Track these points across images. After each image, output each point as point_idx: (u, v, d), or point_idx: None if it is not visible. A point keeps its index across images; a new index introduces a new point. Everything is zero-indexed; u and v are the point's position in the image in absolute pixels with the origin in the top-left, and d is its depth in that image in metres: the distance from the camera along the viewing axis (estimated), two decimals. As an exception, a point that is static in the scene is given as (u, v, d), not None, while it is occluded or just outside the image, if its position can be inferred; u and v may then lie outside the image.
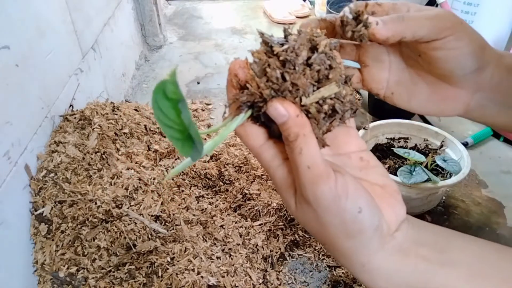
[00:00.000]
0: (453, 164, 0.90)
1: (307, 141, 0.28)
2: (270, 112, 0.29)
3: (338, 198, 0.28)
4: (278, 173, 0.31)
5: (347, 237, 0.30)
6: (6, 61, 0.73)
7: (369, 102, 1.37)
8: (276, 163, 0.31)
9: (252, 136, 0.32)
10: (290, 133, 0.28)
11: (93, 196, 0.80)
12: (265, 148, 0.32)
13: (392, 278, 0.31)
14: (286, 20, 2.13)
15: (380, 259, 0.31)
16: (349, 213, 0.29)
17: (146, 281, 0.76)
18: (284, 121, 0.28)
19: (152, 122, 1.08)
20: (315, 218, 0.30)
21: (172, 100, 0.27)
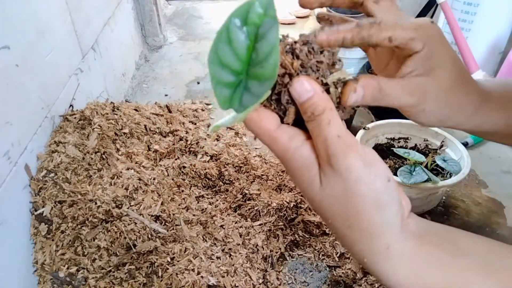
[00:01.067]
0: (453, 164, 0.90)
1: (333, 114, 0.29)
2: (295, 88, 0.29)
3: (369, 165, 0.29)
4: (299, 153, 0.30)
5: (377, 208, 0.29)
6: (6, 61, 0.73)
7: (369, 102, 1.37)
8: (295, 143, 0.30)
9: (267, 119, 0.30)
10: (317, 107, 0.28)
11: (93, 196, 0.80)
12: (281, 131, 0.30)
13: (411, 264, 0.30)
14: (286, 20, 2.13)
15: (401, 243, 0.30)
16: (380, 181, 0.29)
17: (146, 281, 0.76)
18: (309, 96, 0.29)
19: (152, 122, 1.08)
20: (344, 192, 0.29)
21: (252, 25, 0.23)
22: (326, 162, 0.29)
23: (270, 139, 0.30)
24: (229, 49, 0.25)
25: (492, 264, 0.31)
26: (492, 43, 1.30)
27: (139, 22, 1.79)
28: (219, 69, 0.27)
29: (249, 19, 0.24)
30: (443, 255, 0.31)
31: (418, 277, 0.30)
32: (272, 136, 0.30)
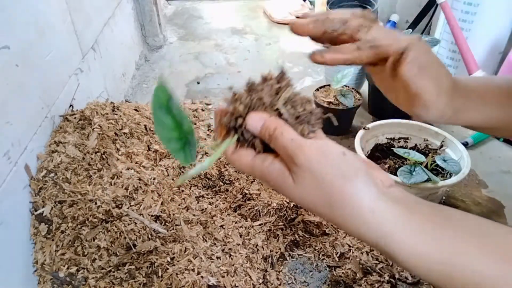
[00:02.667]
0: (453, 164, 0.90)
1: (284, 127, 0.35)
2: (249, 123, 0.37)
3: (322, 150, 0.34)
4: (272, 167, 0.36)
5: (344, 180, 0.34)
6: (6, 61, 0.73)
7: (369, 102, 1.37)
8: (268, 162, 0.37)
9: (243, 155, 0.38)
10: (269, 129, 0.36)
11: (93, 196, 0.80)
12: (255, 158, 0.38)
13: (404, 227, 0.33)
14: (286, 20, 2.13)
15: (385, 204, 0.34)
16: (337, 156, 0.34)
17: (146, 281, 0.76)
18: (262, 124, 0.36)
19: (152, 122, 1.08)
20: (313, 179, 0.34)
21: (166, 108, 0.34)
22: (291, 163, 0.35)
23: (249, 168, 0.38)
24: (164, 128, 0.35)
25: (484, 236, 0.33)
26: (492, 43, 1.30)
27: (139, 22, 1.79)
28: (168, 143, 0.35)
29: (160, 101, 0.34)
30: (435, 226, 0.34)
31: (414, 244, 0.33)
32: (249, 165, 0.38)
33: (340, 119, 1.23)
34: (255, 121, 0.37)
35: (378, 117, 1.22)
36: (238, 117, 0.37)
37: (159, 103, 0.34)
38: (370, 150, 1.07)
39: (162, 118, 0.34)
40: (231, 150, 0.39)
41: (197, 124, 1.24)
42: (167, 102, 0.34)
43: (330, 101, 1.21)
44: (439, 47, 1.40)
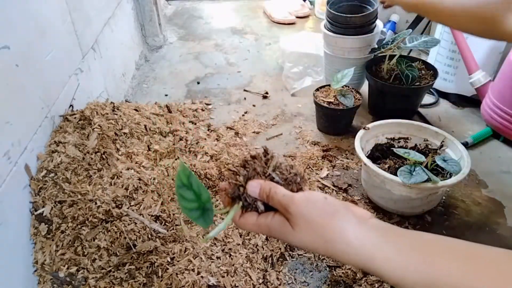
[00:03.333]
0: (453, 164, 0.89)
1: (276, 186, 0.46)
2: (249, 190, 0.46)
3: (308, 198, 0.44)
4: (274, 221, 0.45)
5: (330, 217, 0.42)
6: (6, 61, 0.73)
7: (369, 102, 1.37)
8: (270, 217, 0.46)
9: (249, 218, 0.47)
10: (265, 190, 0.46)
11: (93, 196, 0.80)
12: (259, 218, 0.46)
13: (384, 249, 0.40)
14: (286, 20, 2.13)
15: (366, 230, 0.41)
16: (320, 201, 0.43)
17: (146, 281, 0.76)
18: (260, 188, 0.46)
19: (152, 122, 1.08)
20: (306, 222, 0.42)
21: (188, 185, 0.44)
22: (286, 213, 0.44)
23: (256, 227, 0.47)
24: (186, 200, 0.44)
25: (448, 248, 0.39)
26: (492, 43, 1.30)
27: (139, 22, 1.79)
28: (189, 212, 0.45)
29: (182, 181, 0.43)
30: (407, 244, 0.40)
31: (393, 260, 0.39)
32: (256, 225, 0.46)
33: (340, 119, 1.24)
34: (253, 187, 0.46)
35: (378, 117, 1.22)
36: (240, 186, 0.47)
37: (181, 181, 0.43)
38: (370, 150, 1.07)
39: (184, 194, 0.44)
40: (238, 216, 0.47)
41: (197, 124, 1.25)
42: (188, 179, 0.44)
43: (330, 101, 1.21)
44: (439, 47, 1.40)
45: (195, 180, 0.44)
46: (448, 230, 0.94)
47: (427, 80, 1.23)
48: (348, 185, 1.07)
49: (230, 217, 0.47)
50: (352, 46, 1.31)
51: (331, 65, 1.39)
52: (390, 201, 0.94)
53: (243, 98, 1.49)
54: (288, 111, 1.41)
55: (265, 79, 1.62)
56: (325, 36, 1.35)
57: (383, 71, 1.27)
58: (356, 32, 1.28)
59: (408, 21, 1.80)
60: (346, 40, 1.29)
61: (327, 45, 1.37)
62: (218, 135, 1.21)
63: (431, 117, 1.35)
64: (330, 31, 1.32)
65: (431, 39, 1.22)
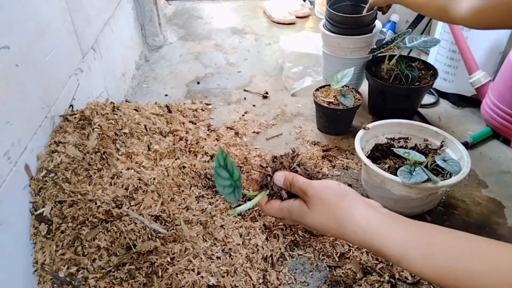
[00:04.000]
0: (453, 164, 0.89)
1: (297, 176, 0.53)
2: (275, 179, 0.54)
3: (323, 182, 0.51)
4: (294, 204, 0.52)
5: (340, 198, 0.48)
6: (6, 61, 0.73)
7: (369, 102, 1.37)
8: (291, 202, 0.53)
9: (274, 203, 0.54)
10: (289, 179, 0.53)
11: (93, 196, 0.80)
12: (282, 203, 0.54)
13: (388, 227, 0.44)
14: (286, 20, 2.13)
15: (373, 212, 0.46)
16: (334, 186, 0.50)
17: (146, 281, 0.76)
18: (284, 177, 0.53)
19: (152, 122, 1.08)
20: (321, 203, 0.49)
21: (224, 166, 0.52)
22: (305, 195, 0.51)
23: (279, 211, 0.54)
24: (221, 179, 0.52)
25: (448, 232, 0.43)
26: (492, 43, 1.30)
27: (139, 22, 1.79)
28: (222, 188, 0.52)
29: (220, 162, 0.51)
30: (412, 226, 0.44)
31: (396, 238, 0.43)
32: (279, 209, 0.54)
33: (340, 119, 1.24)
34: (279, 176, 0.54)
35: (378, 117, 1.22)
36: (268, 176, 0.55)
37: (219, 162, 0.51)
38: (370, 150, 1.07)
39: (220, 173, 0.51)
40: (264, 202, 0.55)
41: (197, 124, 1.25)
42: (224, 161, 0.51)
43: (330, 101, 1.21)
44: (439, 47, 1.40)
45: (229, 161, 0.52)
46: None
47: (427, 80, 1.23)
48: (348, 185, 1.06)
49: (257, 199, 0.55)
50: (351, 46, 1.31)
51: (330, 65, 1.39)
52: (390, 201, 0.94)
53: (243, 98, 1.49)
54: (288, 111, 1.41)
55: (265, 79, 1.62)
56: (324, 36, 1.35)
57: (383, 71, 1.27)
58: (356, 32, 1.27)
59: (408, 21, 1.80)
60: (345, 40, 1.29)
61: (326, 45, 1.37)
62: (218, 135, 1.21)
63: (431, 117, 1.35)
64: (330, 31, 1.32)
65: (431, 39, 1.22)
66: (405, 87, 1.19)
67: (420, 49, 1.73)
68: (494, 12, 0.71)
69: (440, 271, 0.40)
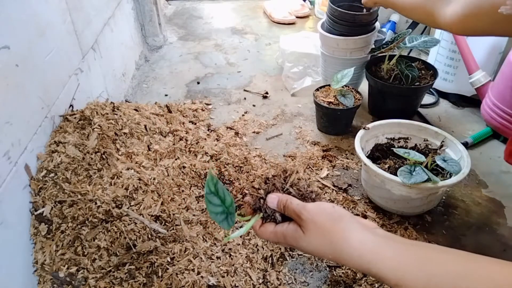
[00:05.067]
0: (453, 164, 0.89)
1: (291, 198, 0.51)
2: (269, 201, 0.52)
3: (317, 205, 0.49)
4: (288, 228, 0.50)
5: (335, 221, 0.47)
6: (6, 61, 0.73)
7: (369, 102, 1.37)
8: (285, 226, 0.51)
9: (267, 227, 0.53)
10: (283, 201, 0.51)
11: (93, 196, 0.80)
12: (276, 228, 0.52)
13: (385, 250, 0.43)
14: (286, 20, 2.13)
15: (369, 235, 0.45)
16: (328, 208, 0.48)
17: (146, 281, 0.76)
18: (278, 200, 0.52)
19: (152, 122, 1.08)
20: (316, 227, 0.47)
21: (214, 192, 0.50)
22: (299, 219, 0.49)
23: (273, 235, 0.52)
24: (213, 206, 0.50)
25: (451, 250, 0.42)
26: (492, 43, 1.30)
27: (139, 22, 1.79)
28: (215, 216, 0.50)
29: (210, 188, 0.50)
30: (407, 247, 0.43)
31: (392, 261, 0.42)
32: (273, 233, 0.52)
33: (340, 119, 1.24)
34: (272, 199, 0.52)
35: (378, 117, 1.22)
36: (260, 199, 0.54)
37: (209, 189, 0.50)
38: (370, 150, 1.07)
39: (211, 200, 0.50)
40: (258, 226, 0.53)
41: (197, 124, 1.25)
42: (215, 187, 0.50)
43: (330, 101, 1.21)
44: (439, 47, 1.40)
45: (220, 187, 0.51)
46: (448, 230, 0.94)
47: (427, 80, 1.23)
48: (348, 185, 1.07)
49: (250, 224, 0.53)
50: (350, 47, 1.30)
51: (329, 66, 1.39)
52: (390, 201, 0.94)
53: (243, 98, 1.49)
54: (288, 111, 1.41)
55: (265, 79, 1.62)
56: (323, 37, 1.35)
57: (383, 71, 1.27)
58: (355, 32, 1.27)
59: (408, 21, 1.80)
60: (345, 40, 1.29)
61: (325, 46, 1.37)
62: (218, 135, 1.21)
63: (431, 117, 1.35)
64: (329, 32, 1.32)
65: (430, 39, 1.22)
66: (405, 87, 1.19)
67: (420, 49, 1.73)
68: (477, 20, 0.71)
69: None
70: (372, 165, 0.91)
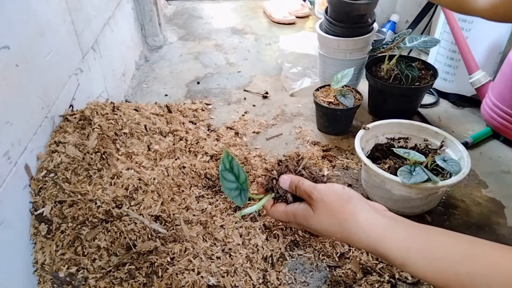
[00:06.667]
0: (453, 164, 0.89)
1: (302, 180, 0.53)
2: (281, 182, 0.54)
3: (328, 186, 0.51)
4: (299, 207, 0.52)
5: (345, 201, 0.48)
6: (6, 61, 0.73)
7: (369, 102, 1.37)
8: (296, 205, 0.53)
9: (279, 207, 0.54)
10: (295, 182, 0.53)
11: (93, 196, 0.80)
12: (287, 207, 0.54)
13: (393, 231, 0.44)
14: (286, 20, 2.13)
15: (377, 216, 0.46)
16: (338, 189, 0.50)
17: (146, 281, 0.76)
18: (290, 180, 0.54)
19: (152, 122, 1.08)
20: (325, 206, 0.49)
21: (230, 169, 0.52)
22: (310, 199, 0.51)
23: (284, 214, 0.54)
24: (227, 182, 0.52)
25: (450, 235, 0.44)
26: (492, 43, 1.30)
27: (139, 22, 1.79)
28: (229, 191, 0.52)
29: (225, 165, 0.52)
30: (415, 229, 0.45)
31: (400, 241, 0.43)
32: (284, 212, 0.54)
33: (340, 119, 1.24)
34: (284, 179, 0.54)
35: (378, 117, 1.22)
36: (273, 179, 0.55)
37: (224, 166, 0.51)
38: (370, 150, 1.07)
39: (225, 176, 0.51)
40: (269, 205, 0.55)
41: (197, 124, 1.25)
42: (230, 164, 0.51)
43: (330, 101, 1.21)
44: (439, 47, 1.40)
45: (235, 164, 0.52)
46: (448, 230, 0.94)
47: (427, 80, 1.23)
48: (348, 185, 1.07)
49: (262, 202, 0.55)
50: (351, 48, 1.30)
51: (329, 67, 1.39)
52: (390, 201, 0.94)
53: (243, 98, 1.49)
54: (288, 111, 1.41)
55: (265, 79, 1.62)
56: (323, 39, 1.34)
57: (383, 71, 1.27)
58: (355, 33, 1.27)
59: (408, 21, 1.80)
60: (346, 41, 1.29)
61: (324, 48, 1.36)
62: (218, 135, 1.21)
63: (431, 117, 1.35)
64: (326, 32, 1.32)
65: (430, 39, 1.22)
66: (405, 87, 1.19)
67: (420, 49, 1.73)
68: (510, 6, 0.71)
69: (443, 275, 0.40)
70: (372, 165, 0.91)
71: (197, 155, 1.07)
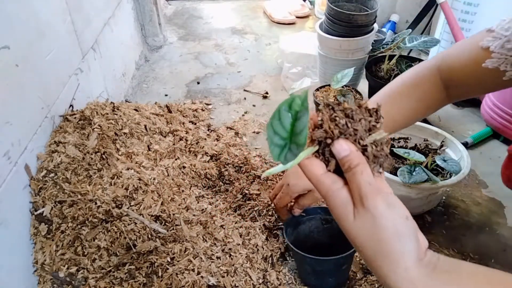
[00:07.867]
0: (453, 164, 0.89)
1: (365, 166, 0.38)
2: (335, 148, 0.39)
3: (391, 206, 0.38)
4: (339, 193, 0.39)
5: (397, 238, 0.37)
6: (6, 61, 0.73)
7: (369, 102, 1.37)
8: (337, 186, 0.39)
9: (316, 166, 0.40)
10: (352, 162, 0.38)
11: (93, 196, 0.80)
12: (326, 176, 0.40)
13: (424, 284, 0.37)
14: (286, 20, 2.13)
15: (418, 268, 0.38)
16: (400, 218, 0.38)
17: (146, 281, 0.76)
18: (346, 154, 0.38)
19: (152, 122, 1.08)
20: (372, 225, 0.38)
21: (294, 111, 0.37)
22: (359, 202, 0.38)
23: (316, 180, 0.40)
24: (279, 124, 0.38)
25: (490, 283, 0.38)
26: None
27: (139, 22, 1.79)
28: (273, 135, 0.38)
29: (292, 107, 0.37)
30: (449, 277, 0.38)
31: None
32: (318, 178, 0.40)
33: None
34: (342, 148, 0.39)
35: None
36: (329, 137, 0.40)
37: (289, 103, 0.37)
38: (370, 150, 1.07)
39: (283, 114, 0.37)
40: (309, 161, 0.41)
41: (197, 124, 1.24)
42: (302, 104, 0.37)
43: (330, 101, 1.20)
44: (439, 47, 1.40)
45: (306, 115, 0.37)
46: (448, 230, 0.94)
47: (427, 80, 1.23)
48: (348, 185, 1.06)
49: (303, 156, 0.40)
50: (352, 48, 1.30)
51: (329, 67, 1.39)
52: (390, 201, 0.94)
53: (243, 98, 1.49)
54: (288, 111, 1.40)
55: (265, 79, 1.62)
56: (324, 39, 1.34)
57: (383, 71, 1.27)
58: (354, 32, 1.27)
59: (408, 21, 1.80)
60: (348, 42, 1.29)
61: (325, 48, 1.36)
62: (218, 135, 1.21)
63: (431, 117, 1.35)
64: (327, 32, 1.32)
65: (430, 39, 1.22)
66: (405, 87, 1.19)
67: (420, 49, 1.73)
68: None
69: None
70: (372, 165, 0.91)
71: (197, 155, 1.07)
